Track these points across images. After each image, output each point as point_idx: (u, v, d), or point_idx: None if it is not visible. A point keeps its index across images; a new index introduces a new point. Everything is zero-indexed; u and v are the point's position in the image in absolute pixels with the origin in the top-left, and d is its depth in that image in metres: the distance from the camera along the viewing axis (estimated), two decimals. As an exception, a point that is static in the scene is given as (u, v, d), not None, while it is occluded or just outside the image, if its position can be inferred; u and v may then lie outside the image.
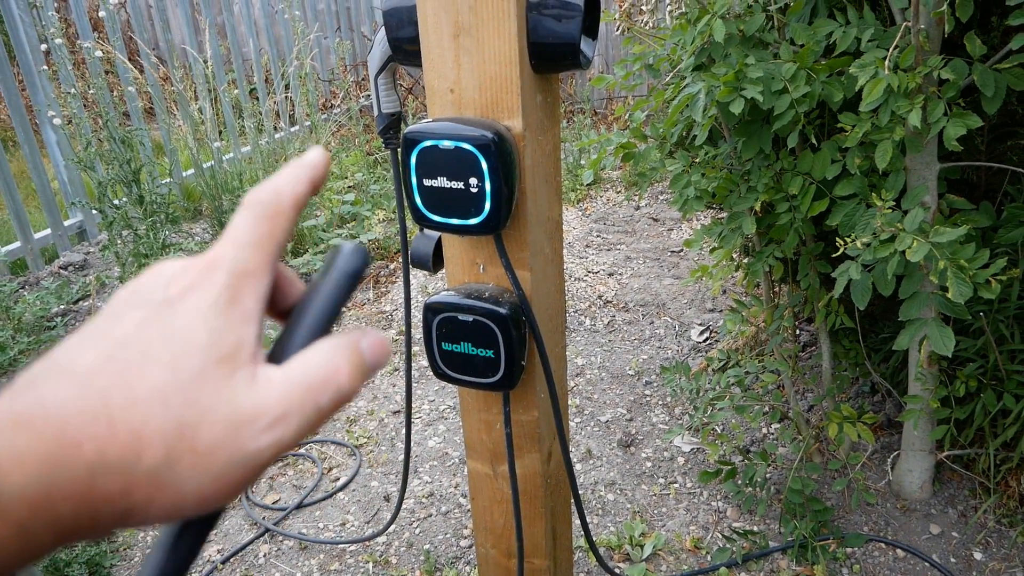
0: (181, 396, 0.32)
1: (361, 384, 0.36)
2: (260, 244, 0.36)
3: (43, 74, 3.52)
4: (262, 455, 0.33)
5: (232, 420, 0.32)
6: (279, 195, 0.38)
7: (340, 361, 0.35)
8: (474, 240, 1.01)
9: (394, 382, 2.70)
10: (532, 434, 1.13)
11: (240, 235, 0.36)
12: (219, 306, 0.34)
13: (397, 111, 1.15)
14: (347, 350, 0.36)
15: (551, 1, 0.88)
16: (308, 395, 0.34)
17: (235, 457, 0.32)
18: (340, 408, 0.35)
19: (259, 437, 0.33)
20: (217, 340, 0.33)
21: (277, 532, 2.05)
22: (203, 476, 0.32)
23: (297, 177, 0.39)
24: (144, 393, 0.31)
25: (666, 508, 2.07)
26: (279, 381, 0.34)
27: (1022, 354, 1.76)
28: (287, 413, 0.33)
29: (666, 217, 3.95)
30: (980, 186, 1.81)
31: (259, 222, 0.37)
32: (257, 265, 0.36)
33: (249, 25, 4.79)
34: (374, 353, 0.37)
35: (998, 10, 1.56)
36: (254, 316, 0.35)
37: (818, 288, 1.84)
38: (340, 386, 0.35)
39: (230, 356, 0.33)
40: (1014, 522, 1.90)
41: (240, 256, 0.35)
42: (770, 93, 1.40)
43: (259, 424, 0.33)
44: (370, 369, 0.36)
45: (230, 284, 0.35)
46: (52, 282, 3.28)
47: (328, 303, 0.37)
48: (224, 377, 0.33)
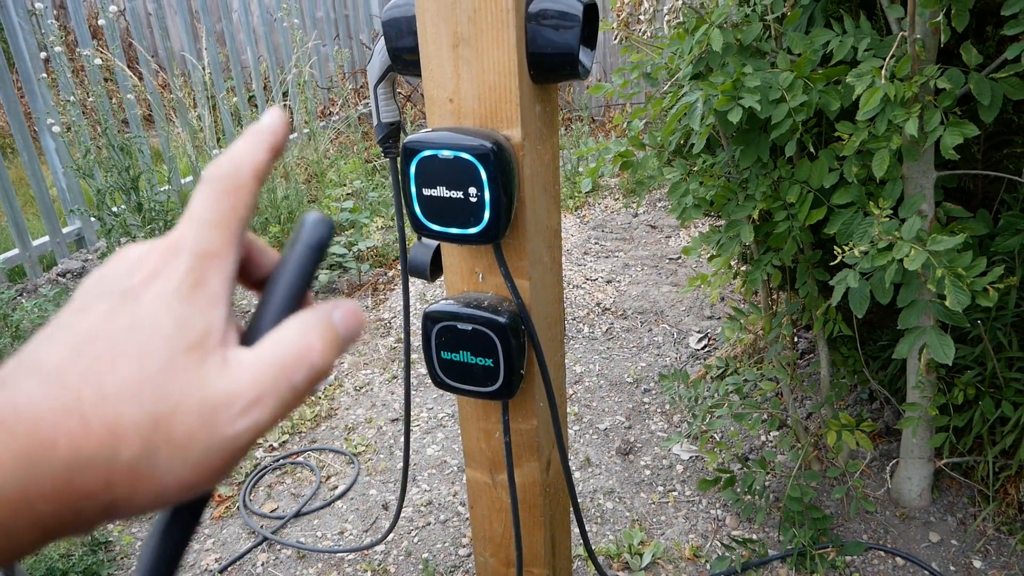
0: (152, 388, 0.31)
1: (336, 358, 0.35)
2: (222, 222, 0.35)
3: (42, 82, 3.53)
4: (240, 439, 0.32)
5: (206, 407, 0.32)
6: (238, 167, 0.36)
7: (312, 337, 0.34)
8: (473, 249, 1.01)
9: (392, 390, 2.70)
10: (531, 443, 1.13)
11: (201, 213, 0.35)
12: (183, 291, 0.33)
13: (396, 120, 1.15)
14: (319, 325, 0.35)
15: (550, 11, 0.89)
16: (282, 375, 0.33)
17: (213, 443, 0.32)
18: (316, 384, 0.35)
19: (235, 422, 0.32)
20: (183, 327, 0.33)
21: (275, 541, 2.04)
22: (182, 465, 0.31)
23: (256, 145, 0.37)
24: (115, 387, 0.31)
25: (665, 516, 2.07)
26: (251, 363, 0.33)
27: (1020, 362, 1.76)
28: (262, 395, 0.33)
29: (664, 224, 3.96)
30: (977, 194, 1.81)
31: (219, 198, 0.35)
32: (221, 244, 0.35)
33: (248, 33, 4.80)
34: (347, 325, 0.36)
35: (993, 20, 1.57)
36: (221, 298, 0.34)
37: (816, 296, 1.84)
38: (313, 363, 0.34)
39: (198, 343, 0.33)
40: (1013, 530, 1.90)
41: (202, 236, 0.34)
42: (768, 102, 1.40)
43: (234, 409, 0.32)
44: (344, 342, 0.36)
45: (193, 267, 0.34)
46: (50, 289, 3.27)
47: (294, 277, 0.36)
48: (194, 365, 0.32)
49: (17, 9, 3.43)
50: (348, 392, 2.71)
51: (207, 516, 2.16)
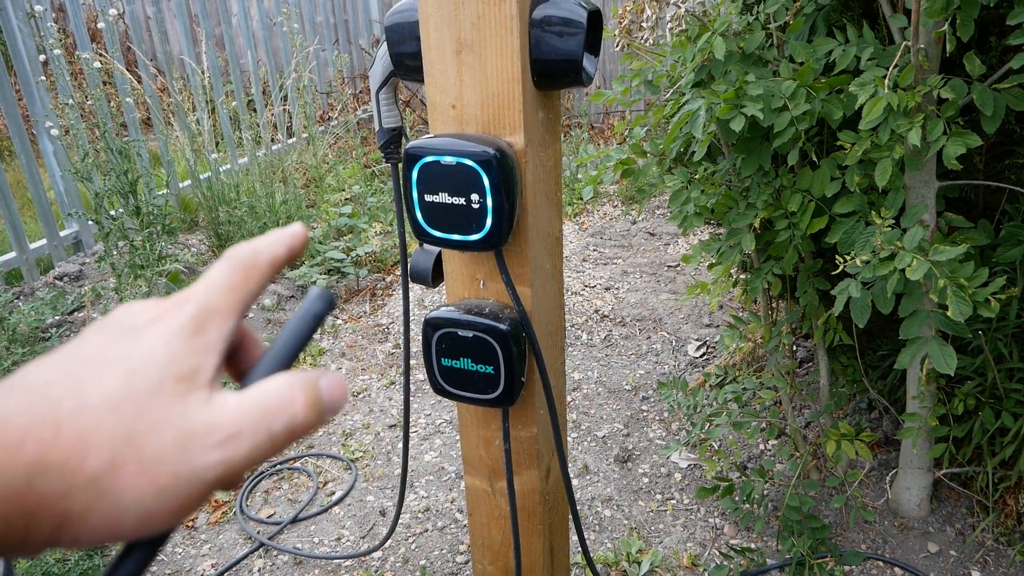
0: (133, 406, 0.32)
1: (316, 420, 0.36)
2: (231, 288, 0.37)
3: (41, 85, 3.52)
4: (209, 472, 0.32)
5: (182, 433, 0.32)
6: (257, 251, 0.39)
7: (297, 392, 0.35)
8: (474, 255, 1.01)
9: (390, 395, 2.69)
10: (531, 450, 1.12)
11: (213, 278, 0.37)
12: (183, 334, 0.35)
13: (398, 126, 1.15)
14: (305, 383, 0.36)
15: (554, 18, 0.88)
16: (262, 419, 0.34)
17: (181, 471, 0.32)
18: (292, 441, 0.35)
19: (208, 453, 0.32)
20: (176, 360, 0.34)
21: (272, 547, 2.03)
22: (147, 486, 0.31)
23: (277, 241, 0.40)
24: (96, 401, 0.31)
25: (663, 524, 2.06)
26: (235, 403, 0.34)
27: (1020, 372, 1.76)
28: (240, 432, 0.33)
29: (663, 232, 3.96)
30: (978, 204, 1.81)
31: (233, 270, 0.38)
32: (225, 305, 0.37)
33: (247, 37, 4.80)
34: (332, 393, 0.37)
35: (996, 30, 1.57)
36: (216, 348, 0.35)
37: (816, 305, 1.84)
38: (295, 415, 0.35)
39: (188, 376, 0.34)
40: (1012, 540, 1.89)
41: (210, 294, 0.37)
42: (770, 110, 1.40)
43: (210, 440, 0.32)
44: (326, 408, 0.36)
45: (196, 316, 0.35)
46: (47, 293, 3.26)
47: (291, 339, 0.39)
48: (180, 394, 0.33)
49: (16, 12, 3.43)
50: (345, 398, 2.69)
51: (204, 521, 2.14)
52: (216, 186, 3.78)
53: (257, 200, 3.69)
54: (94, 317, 3.06)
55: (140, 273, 3.06)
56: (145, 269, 3.05)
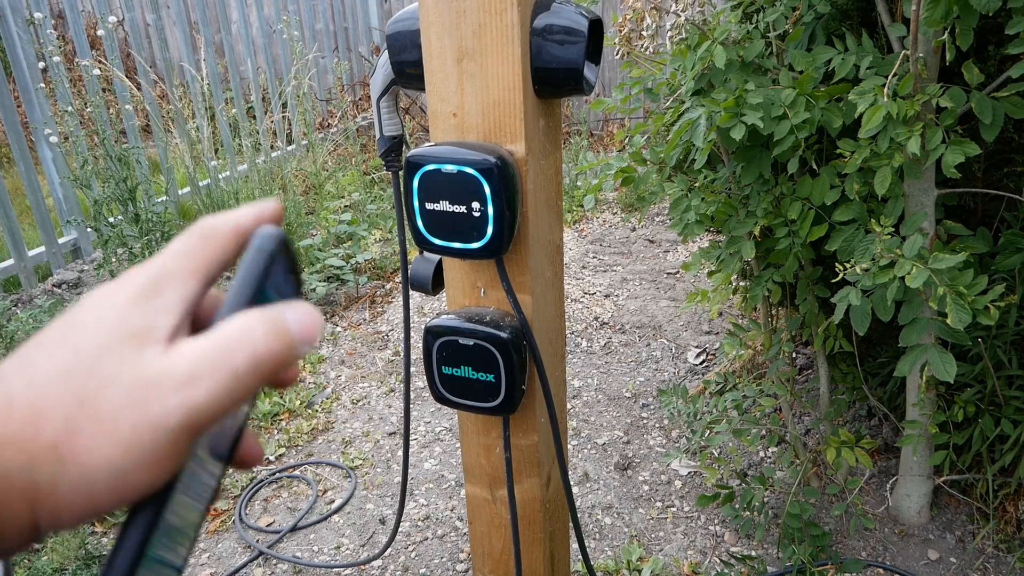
0: (83, 369, 0.31)
1: (283, 350, 0.34)
2: (188, 253, 0.36)
3: (40, 91, 3.52)
4: (171, 418, 0.31)
5: (137, 384, 0.31)
6: (219, 220, 0.38)
7: (256, 324, 0.34)
8: (475, 263, 1.01)
9: (390, 403, 2.69)
10: (531, 459, 1.12)
11: (171, 247, 0.37)
12: (135, 299, 0.34)
13: (399, 134, 1.15)
14: (266, 315, 0.35)
15: (555, 27, 0.88)
16: (220, 356, 0.32)
17: (141, 422, 0.31)
18: (261, 375, 0.33)
19: (166, 399, 0.31)
20: (126, 321, 0.33)
21: (271, 555, 2.03)
22: (109, 444, 0.30)
23: (245, 211, 0.39)
24: (45, 372, 0.31)
25: (664, 532, 2.05)
26: (190, 347, 0.33)
27: (1020, 380, 1.76)
28: (197, 374, 0.32)
29: (662, 239, 3.96)
30: (976, 212, 1.82)
31: (192, 238, 0.37)
32: (182, 269, 0.35)
33: (247, 44, 4.81)
34: (301, 323, 0.35)
35: (994, 39, 1.58)
36: (173, 309, 0.34)
37: (816, 312, 1.84)
38: (256, 347, 0.33)
39: (140, 333, 0.33)
40: (1012, 548, 1.89)
41: (166, 261, 0.36)
42: (770, 119, 1.40)
43: (166, 386, 0.31)
44: (295, 338, 0.35)
45: (150, 281, 0.35)
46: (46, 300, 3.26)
47: (244, 279, 0.37)
48: (131, 350, 0.32)
49: (16, 19, 3.43)
50: (345, 405, 2.69)
51: (203, 530, 2.14)
52: (215, 193, 3.78)
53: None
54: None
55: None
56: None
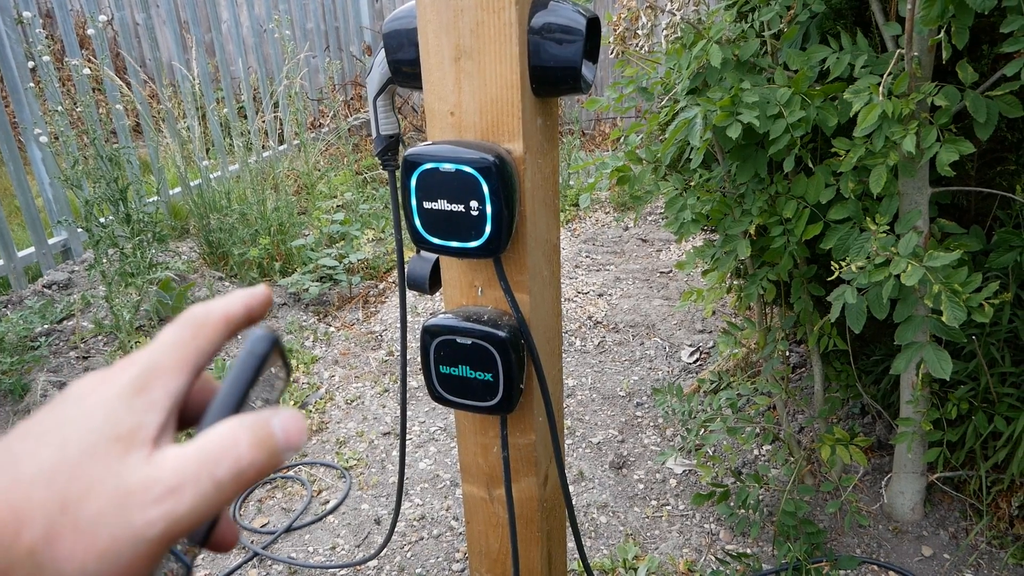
0: (67, 472, 0.31)
1: (267, 459, 0.34)
2: (178, 346, 0.36)
3: (29, 91, 3.50)
4: (151, 529, 0.31)
5: (119, 493, 0.31)
6: (210, 310, 0.38)
7: (241, 434, 0.34)
8: (473, 262, 1.01)
9: (384, 403, 2.68)
10: (529, 457, 1.12)
11: (161, 338, 0.36)
12: (123, 394, 0.33)
13: (396, 133, 1.14)
14: (251, 423, 0.34)
15: (553, 25, 0.88)
16: (203, 467, 0.32)
17: (121, 533, 0.30)
18: (244, 484, 0.33)
19: (148, 509, 0.31)
20: (114, 421, 0.32)
21: (266, 556, 2.02)
22: (86, 555, 0.30)
23: (234, 300, 0.39)
24: (29, 473, 0.30)
25: (659, 531, 2.06)
26: (175, 456, 0.33)
27: (1013, 377, 1.77)
28: (181, 485, 0.31)
29: (655, 238, 3.97)
30: (970, 211, 1.82)
31: (183, 328, 0.37)
32: (172, 362, 0.35)
33: (238, 43, 4.79)
34: (287, 430, 0.35)
35: (987, 38, 1.58)
36: (161, 406, 0.34)
37: (811, 311, 1.85)
38: (239, 457, 0.33)
39: (126, 436, 0.32)
40: (1005, 544, 1.90)
41: (155, 353, 0.35)
42: (765, 117, 1.41)
43: (149, 496, 0.31)
44: (281, 446, 0.34)
45: (139, 376, 0.34)
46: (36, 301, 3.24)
47: (233, 383, 0.37)
48: (117, 455, 0.32)
49: (4, 18, 3.41)
50: (339, 406, 2.68)
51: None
52: (207, 193, 3.77)
53: (248, 207, 3.68)
54: (84, 325, 3.04)
55: (131, 281, 3.04)
56: (135, 277, 3.03)
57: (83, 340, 2.94)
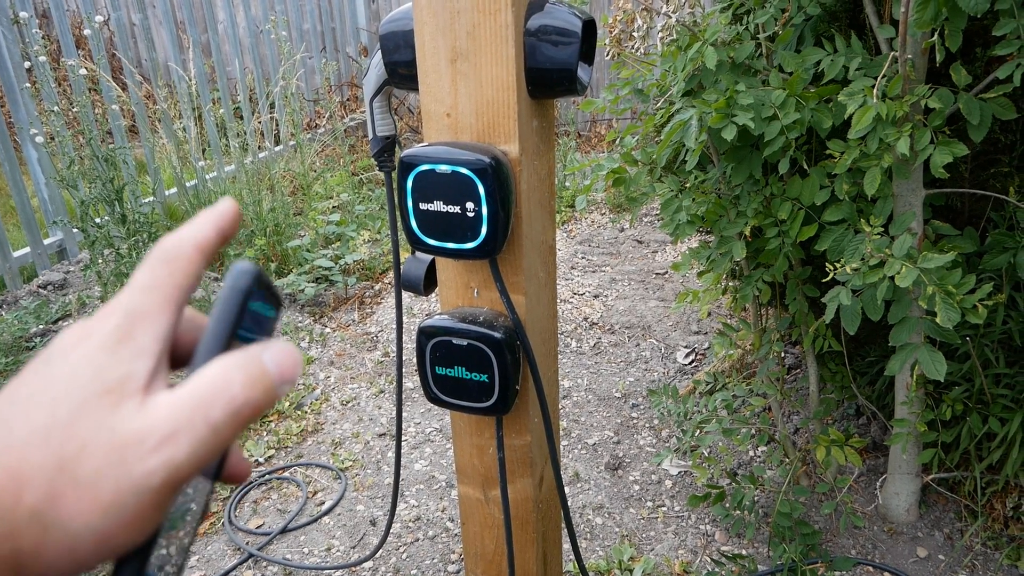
0: (60, 432, 0.31)
1: (263, 397, 0.33)
2: (156, 287, 0.35)
3: (25, 91, 3.49)
4: (152, 478, 0.31)
5: (115, 446, 0.31)
6: (181, 240, 0.37)
7: (233, 373, 0.33)
8: (468, 264, 1.01)
9: (379, 404, 2.68)
10: (525, 459, 1.12)
11: (137, 279, 0.35)
12: (107, 345, 0.33)
13: (392, 134, 1.15)
14: (242, 362, 0.34)
15: (549, 27, 0.89)
16: (198, 411, 0.32)
17: (123, 484, 0.30)
18: (241, 423, 0.33)
19: (146, 459, 0.31)
20: (101, 375, 0.32)
21: (261, 558, 2.02)
22: (91, 510, 0.30)
23: (203, 224, 0.38)
24: (23, 435, 0.31)
25: (654, 532, 2.06)
26: (167, 402, 0.32)
27: (1007, 378, 1.77)
28: (176, 431, 0.31)
29: (650, 239, 3.97)
30: (964, 212, 1.83)
31: (156, 266, 0.36)
32: (152, 305, 0.35)
33: (234, 44, 4.78)
34: (280, 364, 0.34)
35: (981, 41, 1.59)
36: (148, 352, 0.34)
37: (806, 312, 1.85)
38: (233, 398, 0.32)
39: (115, 388, 0.32)
40: (999, 544, 1.91)
41: (134, 298, 0.35)
42: (760, 119, 1.41)
43: (145, 446, 0.31)
44: (275, 381, 0.34)
45: (120, 324, 0.34)
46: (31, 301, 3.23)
47: (219, 321, 0.36)
48: (108, 407, 0.32)
49: (0, 18, 3.40)
50: (335, 407, 2.68)
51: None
52: (203, 194, 3.76)
53: (244, 208, 3.68)
54: (79, 326, 3.04)
55: (126, 282, 3.03)
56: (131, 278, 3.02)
57: (78, 341, 2.92)
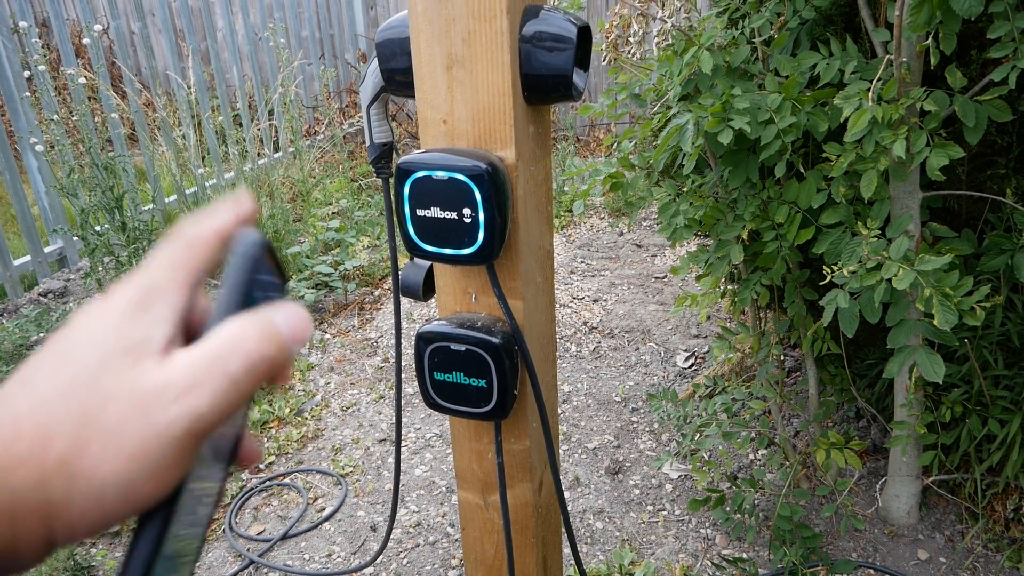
0: (84, 387, 0.32)
1: (276, 352, 0.35)
2: (173, 265, 0.37)
3: (25, 100, 3.50)
4: (175, 426, 0.32)
5: (138, 397, 0.32)
6: (201, 225, 0.39)
7: (248, 329, 0.35)
8: (466, 269, 1.01)
9: (379, 410, 2.68)
10: (524, 463, 1.12)
11: (157, 258, 0.37)
12: (127, 313, 0.35)
13: (389, 140, 1.15)
14: (255, 320, 0.35)
15: (544, 34, 0.89)
16: (216, 363, 0.33)
17: (146, 432, 0.32)
18: (257, 377, 0.34)
19: (168, 408, 0.32)
20: (121, 336, 0.34)
21: (262, 564, 2.01)
22: (117, 457, 0.31)
23: (223, 212, 0.39)
24: (47, 392, 0.32)
25: (655, 536, 2.06)
26: (185, 358, 0.34)
27: (1006, 379, 1.77)
28: (197, 383, 0.33)
29: (649, 243, 3.98)
30: (961, 214, 1.83)
31: (174, 247, 0.37)
32: (168, 281, 0.36)
33: (233, 52, 4.79)
34: (290, 324, 0.36)
35: (975, 43, 1.59)
36: (164, 319, 0.35)
37: (804, 315, 1.85)
38: (249, 351, 0.34)
39: (136, 347, 0.34)
40: (1000, 547, 1.91)
41: (151, 274, 0.36)
42: (756, 123, 1.42)
43: (167, 396, 0.32)
44: (287, 339, 0.36)
45: (140, 295, 0.35)
46: (32, 310, 3.24)
47: (231, 287, 0.38)
48: (129, 364, 0.33)
49: (0, 28, 3.41)
50: (335, 412, 2.68)
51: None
52: (203, 201, 3.77)
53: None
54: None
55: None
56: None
57: (79, 349, 2.93)
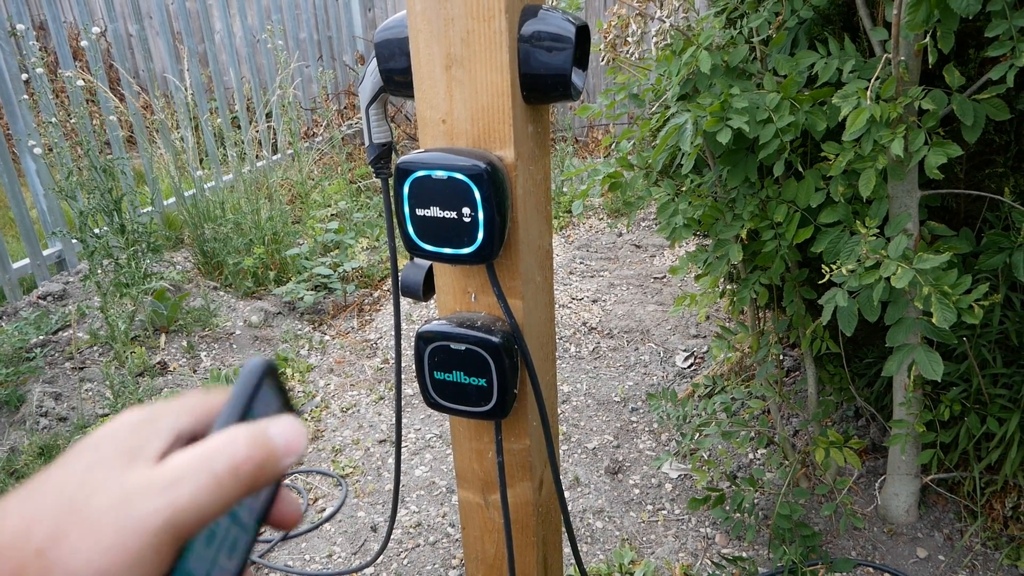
0: (76, 481, 0.33)
1: (264, 458, 0.36)
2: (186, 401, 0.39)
3: (23, 103, 3.50)
4: (153, 519, 0.32)
5: (124, 490, 0.33)
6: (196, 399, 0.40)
7: (239, 435, 0.36)
8: (466, 269, 1.01)
9: (379, 411, 2.68)
10: (524, 463, 1.12)
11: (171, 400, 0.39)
12: (130, 425, 0.36)
13: (388, 141, 1.15)
14: (249, 427, 0.36)
15: (543, 33, 0.89)
16: (202, 462, 0.34)
17: (125, 523, 0.32)
18: (242, 480, 0.35)
19: (149, 501, 0.33)
20: (120, 443, 0.35)
21: (262, 565, 2.02)
22: (93, 547, 0.31)
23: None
24: (39, 487, 0.33)
25: (655, 535, 2.06)
26: (176, 458, 0.35)
27: (1005, 378, 1.78)
28: (180, 479, 0.34)
29: (648, 244, 3.98)
30: (959, 213, 1.84)
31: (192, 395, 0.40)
32: (178, 408, 0.38)
33: (231, 54, 4.79)
34: (284, 434, 0.37)
35: (973, 42, 1.60)
36: (165, 432, 0.37)
37: (803, 314, 1.86)
38: (235, 452, 0.35)
39: (131, 451, 0.35)
40: (999, 544, 1.91)
41: (163, 404, 0.38)
42: (755, 122, 1.42)
43: (150, 490, 0.33)
44: (279, 447, 0.36)
45: (147, 415, 0.37)
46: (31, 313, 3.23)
47: (233, 400, 0.39)
48: (122, 464, 0.34)
49: (-2, 30, 3.41)
50: (335, 414, 2.68)
51: None
52: (201, 203, 3.77)
53: (242, 217, 3.68)
54: (79, 336, 3.04)
55: (125, 292, 3.04)
56: (130, 287, 3.03)
57: (78, 351, 2.93)
